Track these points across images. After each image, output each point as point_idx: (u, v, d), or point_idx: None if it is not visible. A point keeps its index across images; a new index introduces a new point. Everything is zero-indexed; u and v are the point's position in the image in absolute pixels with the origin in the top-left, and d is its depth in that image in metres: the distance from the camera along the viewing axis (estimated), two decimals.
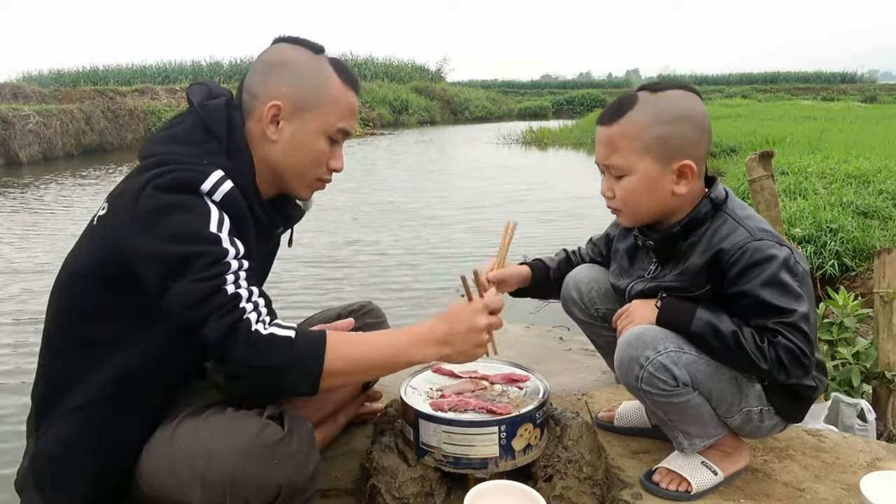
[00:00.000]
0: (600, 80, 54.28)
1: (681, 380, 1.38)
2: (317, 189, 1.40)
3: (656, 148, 1.38)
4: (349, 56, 31.20)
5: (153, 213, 1.14)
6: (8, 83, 16.06)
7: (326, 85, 1.31)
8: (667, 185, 1.40)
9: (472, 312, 1.26)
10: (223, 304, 1.11)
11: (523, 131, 16.64)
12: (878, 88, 34.88)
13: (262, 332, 1.12)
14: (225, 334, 1.09)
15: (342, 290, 4.51)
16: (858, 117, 14.72)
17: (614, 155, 1.41)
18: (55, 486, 1.24)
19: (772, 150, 2.45)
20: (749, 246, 1.35)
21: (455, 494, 1.46)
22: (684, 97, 1.40)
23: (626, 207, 1.46)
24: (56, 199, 8.14)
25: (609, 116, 1.42)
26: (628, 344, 1.40)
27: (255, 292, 1.16)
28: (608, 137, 1.42)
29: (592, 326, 1.75)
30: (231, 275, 1.13)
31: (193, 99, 1.31)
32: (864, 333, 2.46)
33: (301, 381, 1.15)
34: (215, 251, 1.13)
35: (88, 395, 1.21)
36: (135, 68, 30.03)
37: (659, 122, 1.37)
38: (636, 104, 1.39)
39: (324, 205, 6.84)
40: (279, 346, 1.12)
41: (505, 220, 1.67)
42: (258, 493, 1.11)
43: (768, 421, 1.48)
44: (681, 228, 1.43)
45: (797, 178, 6.19)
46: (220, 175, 1.20)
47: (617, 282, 1.62)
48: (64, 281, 1.27)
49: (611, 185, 1.45)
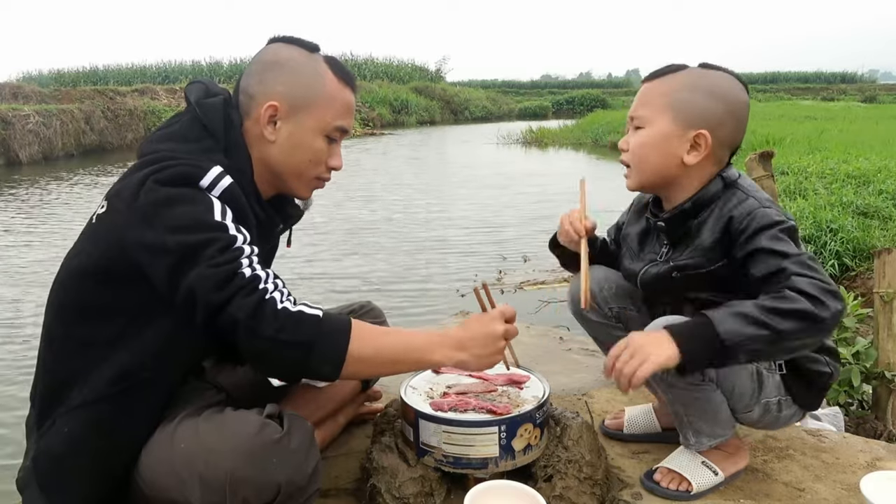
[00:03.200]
0: (600, 80, 54.36)
1: (707, 374, 1.38)
2: (316, 188, 1.40)
3: (679, 109, 1.39)
4: (349, 56, 31.25)
5: (155, 205, 1.14)
6: (8, 83, 16.08)
7: (322, 83, 1.30)
8: (678, 148, 1.40)
9: (490, 319, 1.29)
10: (246, 285, 1.12)
11: (523, 131, 16.64)
12: (878, 88, 34.91)
13: (291, 309, 1.14)
14: (254, 310, 1.10)
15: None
16: (858, 117, 14.73)
17: (641, 106, 1.45)
18: (57, 484, 1.23)
19: (772, 150, 2.45)
20: (758, 212, 1.35)
21: (455, 494, 1.46)
22: (728, 80, 1.42)
23: (635, 161, 1.46)
24: (56, 199, 8.14)
25: (654, 74, 1.46)
26: None
27: (271, 275, 1.17)
28: (645, 91, 1.45)
29: (605, 327, 1.70)
30: (245, 259, 1.14)
31: (191, 97, 1.31)
32: (864, 333, 2.46)
33: (326, 361, 1.15)
34: (225, 237, 1.14)
35: (90, 393, 1.21)
36: (135, 68, 30.08)
37: (692, 88, 1.40)
38: (684, 70, 1.42)
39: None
40: (308, 322, 1.14)
41: (579, 180, 1.61)
42: (258, 492, 1.11)
43: (786, 411, 1.48)
44: (691, 205, 1.43)
45: (797, 178, 6.20)
46: (219, 170, 1.20)
47: (629, 265, 1.59)
48: (63, 279, 1.27)
49: (628, 138, 1.48)
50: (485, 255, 5.21)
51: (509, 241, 5.72)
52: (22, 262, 5.19)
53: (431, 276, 4.81)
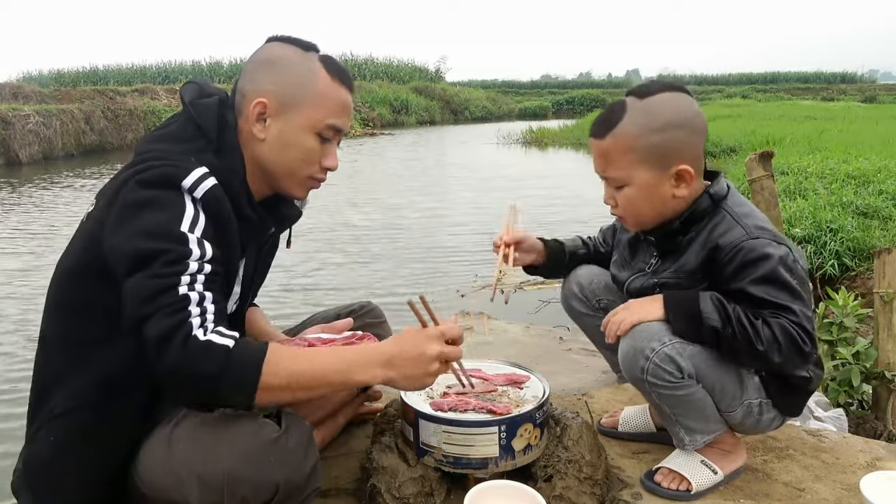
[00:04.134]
0: (600, 80, 54.40)
1: (686, 371, 1.38)
2: (311, 188, 1.38)
3: (651, 157, 1.38)
4: (349, 56, 31.26)
5: (129, 208, 1.14)
6: (8, 83, 16.09)
7: (313, 81, 1.29)
8: (666, 190, 1.40)
9: (425, 338, 1.22)
10: (170, 304, 1.08)
11: (523, 131, 16.63)
12: (878, 88, 34.90)
13: (200, 339, 1.09)
14: (162, 335, 1.07)
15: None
16: (858, 117, 14.72)
17: (610, 167, 1.42)
18: (46, 489, 1.24)
19: (772, 150, 2.45)
20: (744, 245, 1.35)
21: (455, 494, 1.46)
22: (673, 99, 1.39)
23: (629, 215, 1.47)
24: (56, 198, 8.14)
25: (600, 129, 1.42)
26: (633, 336, 1.40)
27: (207, 298, 1.13)
28: (602, 150, 1.43)
29: (595, 319, 1.72)
30: (187, 276, 1.11)
31: (185, 98, 1.31)
32: (864, 333, 2.45)
33: (235, 392, 1.12)
34: (178, 250, 1.12)
35: (72, 399, 1.21)
36: (135, 68, 30.11)
37: (650, 131, 1.37)
38: (625, 114, 1.39)
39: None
40: (214, 353, 1.09)
41: (508, 204, 1.68)
42: (256, 492, 1.11)
43: (767, 414, 1.48)
44: (680, 224, 1.44)
45: (797, 178, 6.19)
46: (202, 172, 1.18)
47: (618, 273, 1.62)
48: (57, 279, 1.27)
49: (612, 195, 1.46)
50: (484, 258, 5.21)
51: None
52: (22, 262, 5.19)
53: (431, 279, 4.81)
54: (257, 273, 1.46)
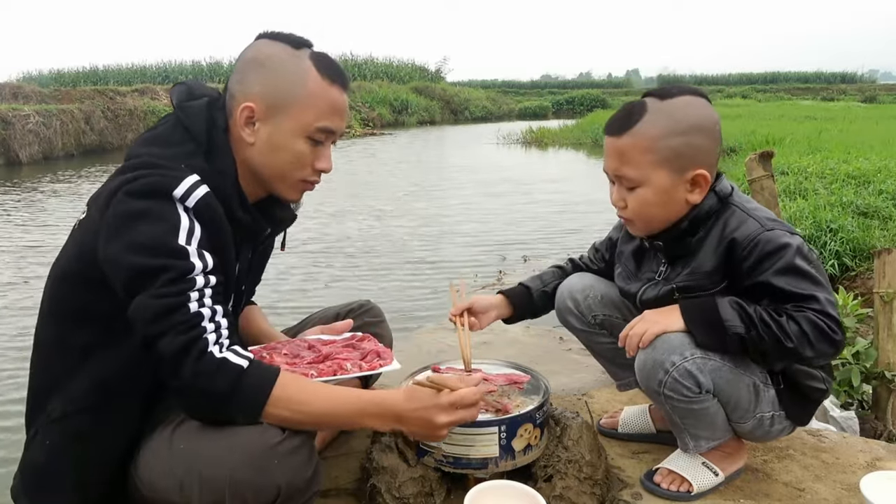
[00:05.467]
0: (600, 80, 54.39)
1: (704, 387, 1.36)
2: (304, 190, 1.35)
3: (670, 160, 1.35)
4: (349, 56, 31.21)
5: (122, 218, 1.13)
6: (8, 83, 16.06)
7: (303, 81, 1.25)
8: (680, 194, 1.38)
9: (434, 407, 1.21)
10: (183, 322, 1.09)
11: (523, 131, 16.62)
12: (878, 88, 34.87)
13: (216, 355, 1.10)
14: (179, 351, 1.08)
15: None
16: (858, 117, 14.71)
17: (626, 167, 1.38)
18: (43, 494, 1.24)
19: (772, 150, 2.45)
20: (761, 237, 1.33)
21: (455, 494, 1.46)
22: (695, 104, 1.37)
23: (639, 218, 1.43)
24: (55, 198, 8.14)
25: (619, 126, 1.38)
26: (653, 348, 1.36)
27: (218, 312, 1.14)
28: (619, 148, 1.38)
29: (590, 335, 1.72)
30: (195, 292, 1.11)
31: (174, 100, 1.30)
32: (864, 333, 2.46)
33: (241, 414, 1.13)
34: (181, 266, 1.11)
35: (69, 404, 1.21)
36: (135, 68, 30.09)
37: (672, 133, 1.34)
38: (646, 113, 1.35)
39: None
40: (228, 372, 1.10)
41: (451, 284, 1.72)
42: (257, 494, 1.11)
43: (777, 425, 1.48)
44: (688, 224, 1.41)
45: (797, 178, 6.18)
46: (194, 180, 1.17)
47: (626, 286, 1.58)
48: (51, 284, 1.27)
49: (622, 196, 1.42)
50: (484, 260, 5.20)
51: (510, 245, 5.71)
52: (21, 262, 5.19)
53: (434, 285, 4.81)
54: (251, 274, 1.46)
